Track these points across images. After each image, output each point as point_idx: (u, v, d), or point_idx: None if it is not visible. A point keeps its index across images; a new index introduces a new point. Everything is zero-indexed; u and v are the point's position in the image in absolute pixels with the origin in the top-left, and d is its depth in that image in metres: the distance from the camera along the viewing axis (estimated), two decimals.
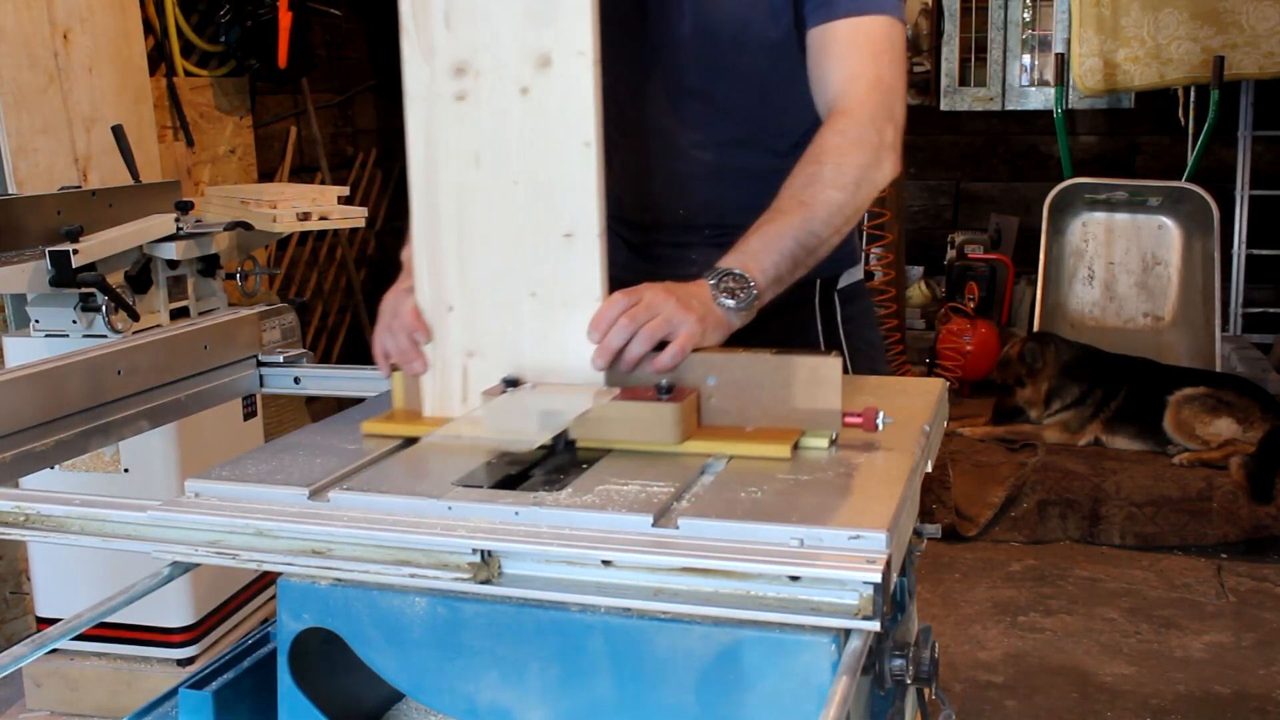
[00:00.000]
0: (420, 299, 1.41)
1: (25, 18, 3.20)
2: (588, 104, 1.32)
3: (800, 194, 1.50)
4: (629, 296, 1.34)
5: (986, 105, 6.90)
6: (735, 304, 1.38)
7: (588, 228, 1.34)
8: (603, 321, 1.32)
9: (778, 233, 1.46)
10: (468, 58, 1.36)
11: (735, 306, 1.38)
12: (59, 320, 2.70)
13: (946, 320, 5.69)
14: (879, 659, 1.11)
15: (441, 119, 1.38)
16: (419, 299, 1.42)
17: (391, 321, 1.43)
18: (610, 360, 1.32)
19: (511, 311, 1.37)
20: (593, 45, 1.31)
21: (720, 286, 1.39)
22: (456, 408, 1.39)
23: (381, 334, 1.44)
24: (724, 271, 1.40)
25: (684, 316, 1.32)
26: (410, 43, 1.40)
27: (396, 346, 1.42)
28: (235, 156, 4.39)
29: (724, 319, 1.38)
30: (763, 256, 1.43)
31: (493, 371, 1.37)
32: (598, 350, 1.32)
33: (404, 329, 1.41)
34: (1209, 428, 4.30)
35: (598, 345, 1.32)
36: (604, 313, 1.33)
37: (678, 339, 1.30)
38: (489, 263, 1.38)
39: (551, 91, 1.33)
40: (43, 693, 2.96)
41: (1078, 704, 3.06)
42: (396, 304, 1.44)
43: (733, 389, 1.30)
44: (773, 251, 1.44)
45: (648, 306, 1.32)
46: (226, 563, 1.12)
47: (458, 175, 1.38)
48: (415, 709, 1.30)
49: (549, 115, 1.33)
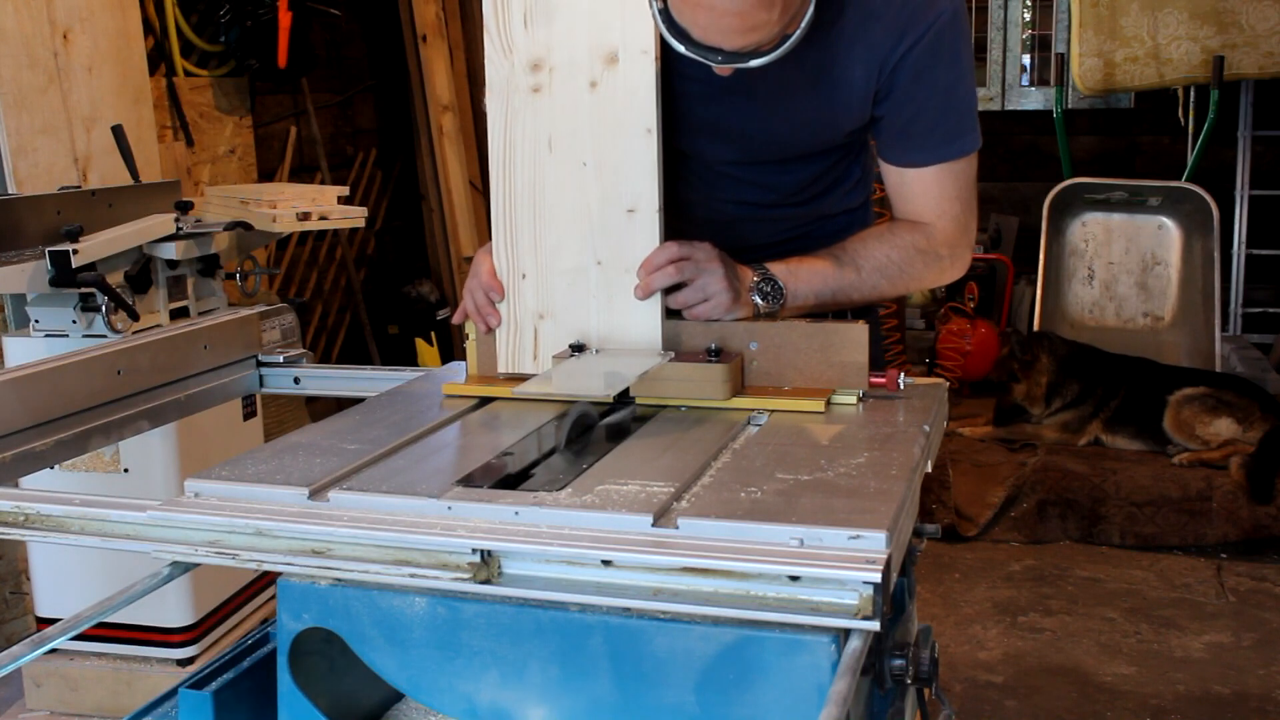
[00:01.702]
0: (497, 266, 1.59)
1: (25, 18, 3.20)
2: (650, 96, 1.49)
3: (858, 259, 1.62)
4: (682, 248, 1.50)
5: (986, 105, 6.90)
6: (763, 304, 1.55)
7: (649, 204, 1.52)
8: (652, 263, 1.50)
9: (824, 275, 1.60)
10: (543, 55, 1.53)
11: (761, 306, 1.55)
12: (59, 320, 2.70)
13: (946, 320, 5.68)
14: (879, 659, 1.11)
15: (518, 108, 1.55)
16: (496, 266, 1.59)
17: (471, 281, 1.60)
18: (648, 294, 1.50)
19: (579, 278, 1.55)
20: (654, 44, 1.48)
21: (759, 285, 1.55)
22: (528, 365, 1.58)
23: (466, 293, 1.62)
24: (770, 276, 1.56)
25: (723, 289, 1.50)
26: (492, 41, 1.55)
27: (474, 303, 1.59)
28: (235, 156, 4.39)
29: (749, 309, 1.55)
30: (804, 283, 1.58)
31: (561, 333, 1.56)
32: (639, 285, 1.50)
33: (480, 287, 1.58)
34: (1209, 428, 4.30)
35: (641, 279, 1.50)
36: (655, 256, 1.50)
37: (708, 305, 1.50)
38: (559, 235, 1.56)
39: (618, 85, 1.51)
40: (43, 693, 2.96)
41: (1077, 704, 3.06)
42: (478, 264, 1.60)
43: (772, 352, 1.50)
44: (815, 284, 1.59)
45: (696, 264, 1.50)
46: (226, 563, 1.12)
47: (532, 158, 1.55)
48: (415, 709, 1.30)
49: (615, 106, 1.51)
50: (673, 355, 1.48)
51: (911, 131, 1.60)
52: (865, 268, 1.62)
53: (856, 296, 1.63)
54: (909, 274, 1.64)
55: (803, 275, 1.58)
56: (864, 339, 1.45)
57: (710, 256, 1.51)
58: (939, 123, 1.59)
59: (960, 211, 1.65)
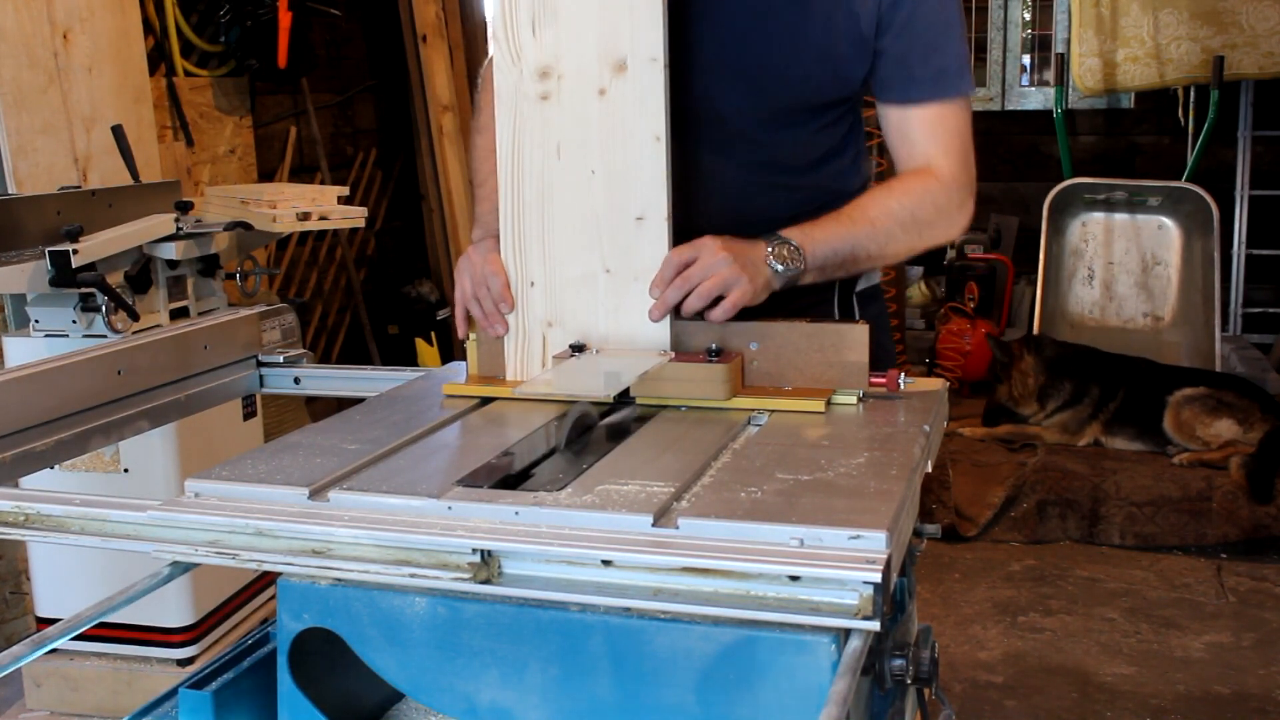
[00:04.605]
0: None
1: (25, 18, 3.20)
2: (659, 104, 1.49)
3: (872, 214, 1.61)
4: (687, 253, 1.48)
5: (986, 105, 6.90)
6: (783, 269, 1.52)
7: (657, 211, 1.51)
8: (661, 279, 1.48)
9: (840, 233, 1.58)
10: (551, 62, 1.53)
11: (783, 272, 1.52)
12: (59, 320, 2.70)
13: (946, 320, 5.68)
14: (879, 659, 1.11)
15: (527, 116, 1.54)
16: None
17: (480, 289, 1.58)
18: (665, 313, 1.49)
19: (588, 286, 1.55)
20: (664, 52, 1.48)
21: (775, 252, 1.52)
22: (537, 372, 1.57)
23: (468, 300, 1.60)
24: (783, 239, 1.53)
25: (737, 276, 1.46)
26: (500, 48, 1.54)
27: (483, 311, 1.58)
28: (235, 156, 4.39)
29: (770, 281, 1.52)
30: (821, 243, 1.56)
31: (570, 340, 1.55)
32: (654, 305, 1.49)
33: (492, 297, 1.57)
34: (1209, 428, 4.29)
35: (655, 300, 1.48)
36: (663, 272, 1.48)
37: (730, 297, 1.46)
38: (568, 243, 1.55)
39: (626, 93, 1.50)
40: (43, 693, 2.96)
41: (1077, 704, 3.06)
42: (485, 271, 1.58)
43: (773, 353, 1.49)
44: (833, 242, 1.57)
45: (703, 266, 1.47)
46: (226, 563, 1.12)
47: (541, 165, 1.55)
48: (415, 709, 1.30)
49: (624, 113, 1.50)
50: (673, 355, 1.48)
51: (911, 63, 1.63)
52: (878, 219, 1.60)
53: (874, 250, 1.61)
54: (921, 219, 1.63)
55: (817, 235, 1.56)
56: (864, 339, 1.45)
57: (714, 249, 1.48)
58: (935, 56, 1.63)
59: (961, 149, 1.67)
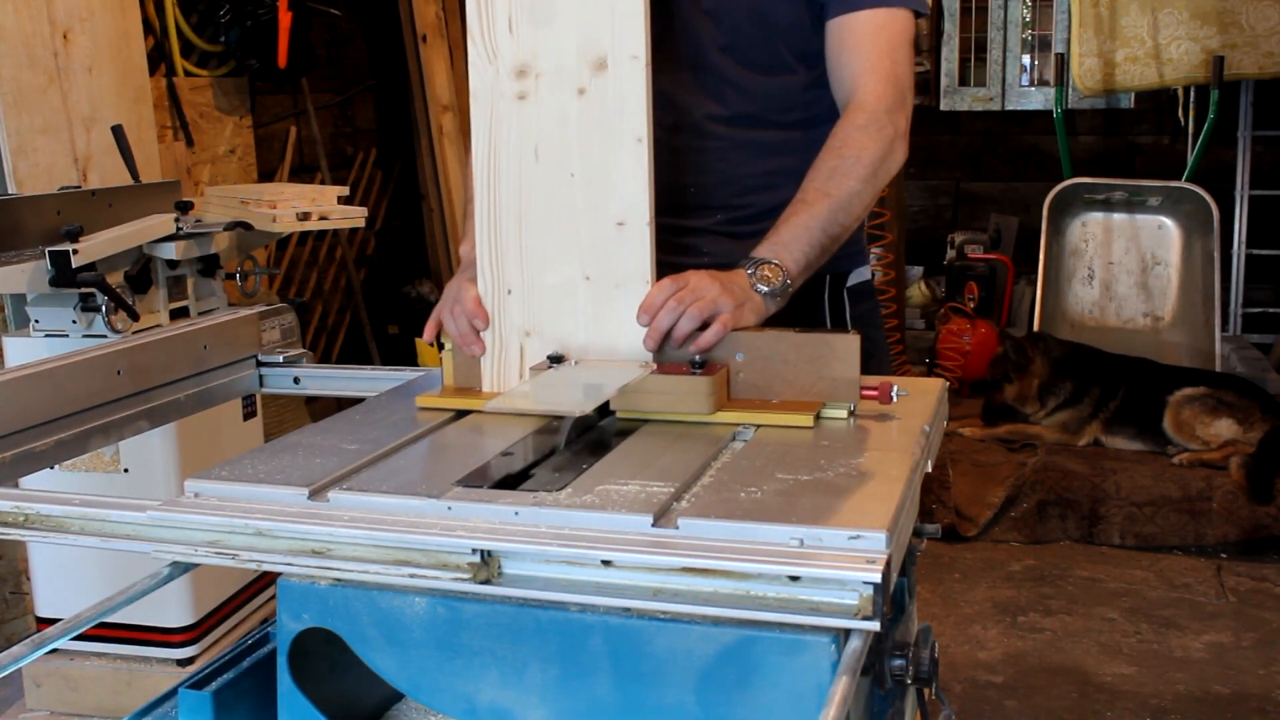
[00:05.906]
0: (481, 283, 1.52)
1: (25, 18, 3.20)
2: (640, 104, 1.44)
3: (824, 185, 1.60)
4: (675, 282, 1.45)
5: (986, 105, 6.90)
6: (770, 290, 1.50)
7: (639, 216, 1.46)
8: (652, 306, 1.44)
9: (805, 224, 1.57)
10: (529, 61, 1.48)
11: (770, 292, 1.50)
12: (59, 320, 2.70)
13: (946, 320, 5.68)
14: (879, 659, 1.11)
15: (503, 116, 1.49)
16: (480, 283, 1.52)
17: (453, 307, 1.54)
18: (659, 342, 1.43)
19: (567, 294, 1.49)
20: (645, 50, 1.43)
21: (756, 275, 1.51)
22: (514, 383, 1.51)
23: (444, 316, 1.56)
24: (759, 260, 1.52)
25: (726, 300, 1.44)
26: (475, 46, 1.49)
27: (457, 330, 1.52)
28: (235, 156, 4.39)
29: (761, 304, 1.50)
30: (794, 246, 1.54)
31: (548, 350, 1.49)
32: (648, 333, 1.44)
33: (465, 314, 1.52)
34: (1209, 428, 4.29)
35: (648, 328, 1.44)
36: (652, 298, 1.44)
37: (719, 320, 1.42)
38: (546, 249, 1.49)
39: (607, 92, 1.45)
40: (43, 693, 2.96)
41: (1077, 704, 3.06)
42: (459, 291, 1.54)
43: (760, 364, 1.42)
44: (802, 242, 1.55)
45: (693, 290, 1.44)
46: (226, 563, 1.12)
47: (518, 168, 1.49)
48: (415, 709, 1.30)
49: (604, 114, 1.45)
50: (655, 367, 1.41)
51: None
52: (833, 189, 1.59)
53: (845, 219, 1.60)
54: (865, 159, 1.61)
55: (786, 239, 1.55)
56: (855, 350, 1.38)
57: (701, 276, 1.47)
58: None
59: (891, 68, 1.68)
